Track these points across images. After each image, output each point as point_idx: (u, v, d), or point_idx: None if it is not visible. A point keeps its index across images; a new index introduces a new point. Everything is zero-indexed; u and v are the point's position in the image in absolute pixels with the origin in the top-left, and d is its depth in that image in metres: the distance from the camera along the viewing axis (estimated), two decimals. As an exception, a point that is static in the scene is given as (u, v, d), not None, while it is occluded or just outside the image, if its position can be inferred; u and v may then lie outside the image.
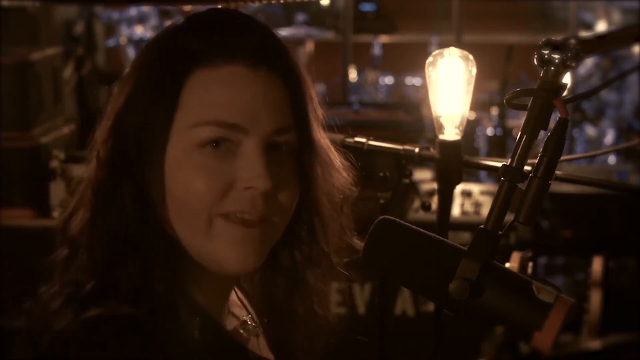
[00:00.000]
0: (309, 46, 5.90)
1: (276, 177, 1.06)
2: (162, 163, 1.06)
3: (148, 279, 1.03)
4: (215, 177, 1.05)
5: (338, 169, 1.18)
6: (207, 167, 1.05)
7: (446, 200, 1.67)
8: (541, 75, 0.97)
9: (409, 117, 3.57)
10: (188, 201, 1.05)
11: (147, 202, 1.06)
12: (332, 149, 1.18)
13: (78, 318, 1.00)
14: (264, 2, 1.74)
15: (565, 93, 0.98)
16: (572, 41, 0.96)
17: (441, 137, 1.63)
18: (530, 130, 0.97)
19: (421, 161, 1.66)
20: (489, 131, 4.80)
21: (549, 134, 0.98)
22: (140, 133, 1.06)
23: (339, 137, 1.70)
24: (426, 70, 1.63)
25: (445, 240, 1.02)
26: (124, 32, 5.52)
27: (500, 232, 0.97)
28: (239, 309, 1.22)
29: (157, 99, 1.06)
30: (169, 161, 1.06)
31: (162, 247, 1.06)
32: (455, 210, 3.05)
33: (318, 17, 6.35)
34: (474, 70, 1.61)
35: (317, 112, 1.16)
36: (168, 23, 1.14)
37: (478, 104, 4.85)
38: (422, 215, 2.53)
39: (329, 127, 1.20)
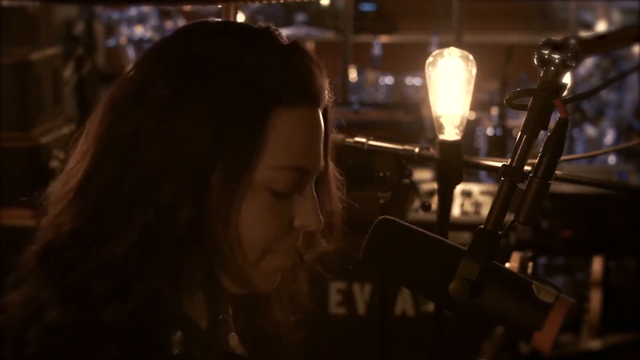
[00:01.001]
0: (309, 46, 5.90)
1: None
2: (236, 196, 1.03)
3: (176, 297, 1.03)
4: (278, 220, 1.07)
5: (338, 197, 1.22)
6: (274, 208, 1.05)
7: (446, 200, 1.67)
8: (541, 75, 0.97)
9: (409, 117, 3.56)
10: (247, 235, 1.05)
11: (204, 228, 1.03)
12: (337, 177, 1.22)
13: (63, 320, 0.99)
14: (264, 2, 1.74)
15: (565, 93, 0.98)
16: (572, 41, 0.96)
17: (441, 137, 1.63)
18: (530, 130, 0.97)
19: (421, 161, 1.66)
20: (489, 131, 4.80)
21: (549, 134, 0.98)
22: (214, 159, 1.01)
23: (339, 137, 1.70)
24: (426, 70, 1.63)
25: (445, 240, 1.02)
26: (124, 32, 5.52)
27: (500, 232, 0.97)
28: None
29: (239, 130, 1.02)
30: (240, 194, 1.04)
31: (205, 271, 1.06)
32: (455, 210, 3.05)
33: (318, 17, 6.35)
34: (474, 70, 1.61)
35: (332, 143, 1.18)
36: (168, 23, 1.12)
37: (478, 104, 4.86)
38: (422, 215, 2.54)
39: None
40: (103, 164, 1.03)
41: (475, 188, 3.29)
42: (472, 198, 3.18)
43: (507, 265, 1.40)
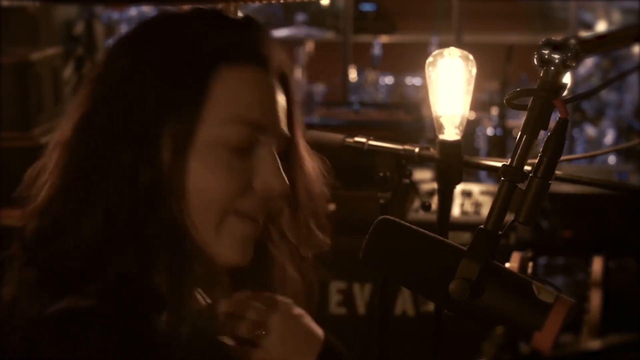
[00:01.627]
0: (309, 46, 5.90)
1: None
2: (186, 154, 1.06)
3: (146, 269, 1.03)
4: (236, 176, 1.07)
5: (316, 174, 1.21)
6: (229, 165, 1.07)
7: (446, 200, 1.67)
8: (541, 75, 0.97)
9: (409, 117, 3.57)
10: (204, 194, 1.06)
11: (163, 190, 1.05)
12: (312, 154, 1.22)
13: (45, 312, 0.99)
14: (264, 2, 1.74)
15: (565, 93, 0.98)
16: (572, 41, 0.96)
17: (441, 137, 1.63)
18: (530, 130, 0.97)
19: (421, 161, 1.66)
20: (489, 131, 4.80)
21: (549, 134, 0.98)
22: (162, 122, 1.05)
23: (339, 137, 1.70)
24: (426, 70, 1.63)
25: (445, 240, 1.02)
26: (124, 32, 5.51)
27: (500, 232, 0.97)
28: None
29: (183, 92, 1.06)
30: (191, 153, 1.06)
31: (170, 235, 1.05)
32: (455, 210, 3.05)
33: (318, 17, 6.35)
34: (474, 70, 1.61)
35: (301, 118, 1.20)
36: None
37: (478, 104, 4.86)
38: (422, 215, 2.54)
39: (329, 127, 1.21)
40: (72, 147, 1.08)
41: (475, 188, 3.29)
42: (472, 198, 3.18)
43: (507, 265, 1.40)
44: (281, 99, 1.13)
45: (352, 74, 5.82)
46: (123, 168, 1.04)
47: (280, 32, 5.69)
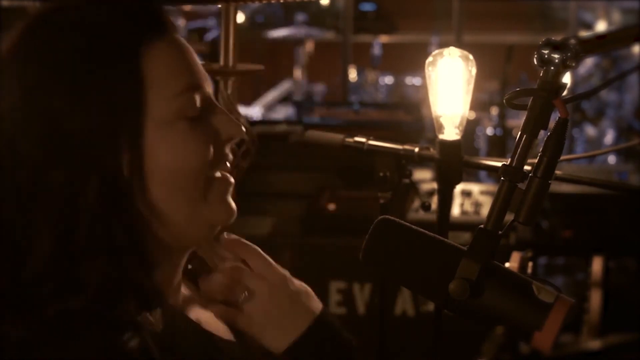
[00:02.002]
0: (309, 46, 5.90)
1: None
2: (141, 144, 1.02)
3: (117, 273, 1.00)
4: (205, 141, 1.06)
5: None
6: (195, 133, 1.05)
7: (446, 200, 1.67)
8: (541, 75, 0.97)
9: (409, 117, 3.57)
10: (185, 170, 1.04)
11: (118, 192, 1.01)
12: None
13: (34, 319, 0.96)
14: (264, 2, 1.74)
15: (565, 93, 0.97)
16: (572, 41, 0.96)
17: (441, 137, 1.63)
18: (530, 130, 0.97)
19: (421, 161, 1.66)
20: (489, 131, 4.80)
21: (549, 134, 0.98)
22: (103, 123, 1.00)
23: (339, 137, 1.70)
24: (426, 70, 1.63)
25: (445, 240, 1.02)
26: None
27: (500, 232, 0.97)
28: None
29: (116, 83, 1.01)
30: (149, 138, 1.03)
31: (141, 233, 1.03)
32: (455, 210, 3.05)
33: (318, 17, 6.35)
34: (474, 70, 1.61)
35: None
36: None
37: (478, 104, 4.86)
38: (422, 215, 2.54)
39: (329, 127, 1.21)
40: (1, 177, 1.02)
41: (475, 188, 3.29)
42: (472, 198, 3.18)
43: (507, 265, 1.40)
44: (192, 50, 1.12)
45: (352, 74, 5.83)
46: (60, 189, 0.99)
47: (280, 32, 5.70)
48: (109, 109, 1.00)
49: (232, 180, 1.11)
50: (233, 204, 1.11)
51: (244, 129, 1.12)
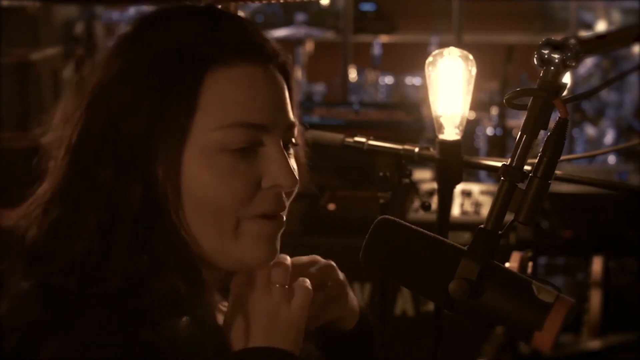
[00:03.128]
0: (309, 46, 5.90)
1: None
2: (179, 163, 1.05)
3: (150, 278, 1.02)
4: (243, 180, 1.06)
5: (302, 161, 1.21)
6: (234, 170, 1.05)
7: (446, 200, 1.67)
8: (541, 75, 0.97)
9: (409, 117, 3.57)
10: (214, 203, 1.05)
11: (158, 200, 1.05)
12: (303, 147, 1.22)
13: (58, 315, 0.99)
14: (264, 2, 1.74)
15: (565, 93, 0.97)
16: (572, 41, 0.96)
17: (441, 137, 1.63)
18: (530, 130, 0.97)
19: (421, 161, 1.65)
20: (489, 131, 4.80)
21: (549, 134, 0.98)
22: (152, 132, 1.04)
23: (339, 137, 1.70)
24: (426, 70, 1.63)
25: (445, 240, 1.02)
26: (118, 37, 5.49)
27: (500, 232, 0.97)
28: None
29: (172, 100, 1.04)
30: (187, 162, 1.05)
31: (171, 247, 1.05)
32: (455, 210, 3.05)
33: (318, 17, 6.35)
34: (474, 70, 1.61)
35: (297, 102, 1.19)
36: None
37: (478, 104, 4.86)
38: (422, 215, 2.54)
39: (329, 127, 1.21)
40: (65, 156, 1.08)
41: (475, 188, 3.29)
42: (472, 198, 3.18)
43: (507, 265, 1.40)
44: (283, 92, 1.11)
45: (352, 74, 5.83)
46: (109, 183, 1.03)
47: (280, 32, 5.69)
48: (157, 123, 1.04)
49: (275, 226, 1.10)
50: (271, 248, 1.10)
51: (296, 178, 1.09)
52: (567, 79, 0.99)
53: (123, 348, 0.97)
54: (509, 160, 0.98)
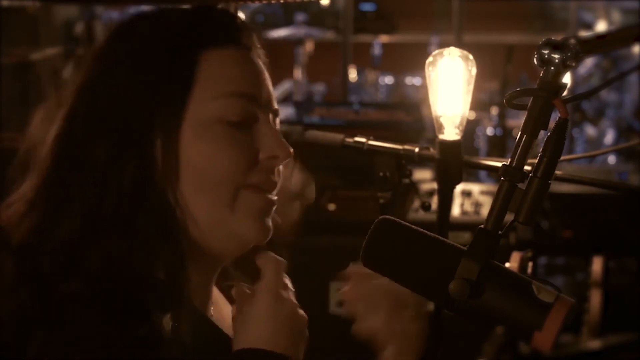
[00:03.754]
0: (309, 46, 5.90)
1: None
2: (177, 137, 1.07)
3: (138, 261, 1.02)
4: (242, 149, 1.09)
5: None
6: (232, 139, 1.08)
7: (446, 200, 1.67)
8: (541, 75, 0.97)
9: (409, 117, 3.56)
10: (213, 174, 1.07)
11: (154, 181, 1.06)
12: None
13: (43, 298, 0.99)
14: (264, 2, 1.74)
15: (565, 93, 0.97)
16: (572, 41, 0.96)
17: (441, 137, 1.63)
18: (530, 130, 0.97)
19: (421, 161, 1.65)
20: (489, 131, 4.80)
21: (549, 134, 0.98)
22: (150, 108, 1.06)
23: (339, 137, 1.70)
24: (426, 70, 1.63)
25: (445, 240, 1.02)
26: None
27: (500, 232, 0.97)
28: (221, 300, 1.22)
29: (170, 74, 1.08)
30: (186, 134, 1.07)
31: (164, 227, 1.05)
32: (455, 210, 3.05)
33: (318, 17, 6.35)
34: (474, 70, 1.61)
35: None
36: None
37: (478, 104, 4.86)
38: (422, 215, 2.54)
39: (329, 127, 1.23)
40: (54, 143, 1.09)
41: (475, 188, 3.29)
42: (472, 198, 3.18)
43: (507, 265, 1.40)
44: (266, 73, 1.16)
45: (352, 74, 5.83)
46: (101, 163, 1.04)
47: (280, 32, 5.69)
48: (153, 98, 1.06)
49: (268, 203, 1.11)
50: (266, 225, 1.11)
51: (290, 151, 1.13)
52: (567, 79, 0.99)
53: (108, 341, 0.97)
54: (509, 160, 0.98)
